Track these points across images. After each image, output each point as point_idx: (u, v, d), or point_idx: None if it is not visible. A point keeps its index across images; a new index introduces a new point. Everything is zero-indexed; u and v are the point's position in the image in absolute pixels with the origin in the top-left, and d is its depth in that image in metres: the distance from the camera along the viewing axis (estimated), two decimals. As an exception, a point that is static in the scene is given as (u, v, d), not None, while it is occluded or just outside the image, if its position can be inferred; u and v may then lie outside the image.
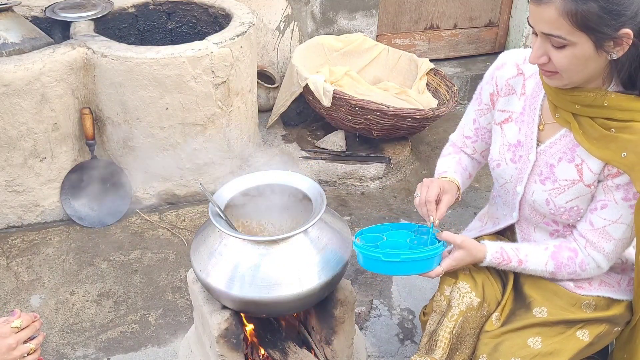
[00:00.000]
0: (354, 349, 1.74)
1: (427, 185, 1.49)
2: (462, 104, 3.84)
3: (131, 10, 2.95)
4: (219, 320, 1.49)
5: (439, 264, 1.41)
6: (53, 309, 2.23)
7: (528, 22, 1.26)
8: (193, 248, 1.52)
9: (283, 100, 3.15)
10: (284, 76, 3.24)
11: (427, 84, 3.43)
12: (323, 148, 3.12)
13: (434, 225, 1.44)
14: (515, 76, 1.47)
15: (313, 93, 2.95)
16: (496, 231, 1.62)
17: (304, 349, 1.66)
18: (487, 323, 1.44)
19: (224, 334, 1.49)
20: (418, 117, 2.93)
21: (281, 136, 3.23)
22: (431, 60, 3.54)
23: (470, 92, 3.86)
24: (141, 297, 2.30)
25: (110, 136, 2.68)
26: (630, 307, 1.48)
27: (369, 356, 2.04)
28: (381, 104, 2.88)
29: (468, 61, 4.08)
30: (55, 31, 2.83)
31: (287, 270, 1.39)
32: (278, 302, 1.40)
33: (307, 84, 2.95)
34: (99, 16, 2.77)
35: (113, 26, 2.90)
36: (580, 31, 1.18)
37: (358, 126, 3.02)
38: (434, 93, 3.38)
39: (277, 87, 3.32)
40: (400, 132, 3.08)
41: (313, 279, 1.40)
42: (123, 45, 2.53)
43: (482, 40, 4.09)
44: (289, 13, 3.35)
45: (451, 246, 1.44)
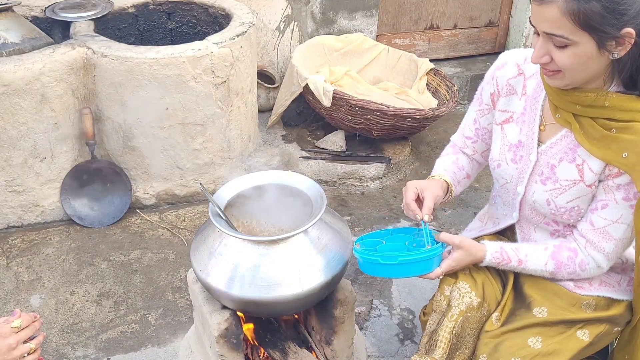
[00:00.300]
0: (354, 349, 1.74)
1: (404, 190, 1.51)
2: (462, 104, 3.84)
3: (131, 10, 2.95)
4: (219, 320, 1.49)
5: (439, 265, 1.41)
6: (53, 309, 2.23)
7: (530, 22, 1.25)
8: (193, 248, 1.52)
9: (283, 100, 3.15)
10: (284, 76, 3.24)
11: (427, 84, 3.44)
12: (323, 148, 3.12)
13: (425, 222, 1.43)
14: (515, 76, 1.47)
15: (313, 93, 2.95)
16: (496, 231, 1.62)
17: (304, 349, 1.66)
18: (487, 323, 1.44)
19: (224, 334, 1.49)
20: (418, 117, 2.93)
21: (281, 136, 3.23)
22: (431, 60, 3.54)
23: (470, 92, 3.86)
24: (141, 297, 2.30)
25: (110, 136, 2.68)
26: (630, 307, 1.48)
27: (369, 356, 2.04)
28: (381, 104, 2.88)
29: (468, 61, 4.08)
30: (55, 31, 2.83)
31: (287, 270, 1.39)
32: (278, 302, 1.40)
33: (307, 84, 2.95)
34: (99, 16, 2.77)
35: (113, 26, 2.90)
36: (582, 30, 1.18)
37: (358, 126, 3.02)
38: (434, 93, 3.38)
39: (277, 87, 3.32)
40: (400, 132, 3.08)
41: (313, 279, 1.40)
42: (123, 45, 2.53)
43: (482, 40, 4.09)
44: (289, 13, 3.35)
45: (450, 247, 1.44)
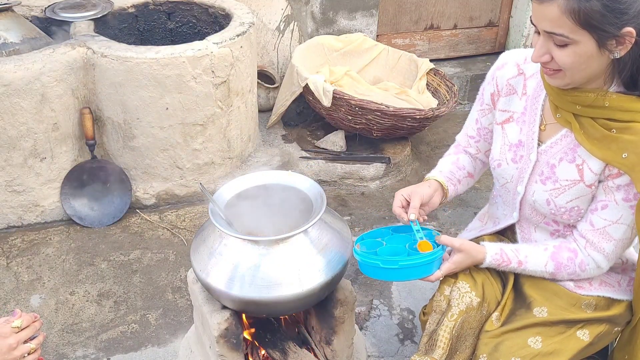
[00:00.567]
0: (354, 349, 1.74)
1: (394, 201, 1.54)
2: (462, 104, 3.84)
3: (131, 10, 2.95)
4: (219, 320, 1.49)
5: (439, 268, 1.42)
6: (53, 309, 2.23)
7: (531, 21, 1.25)
8: (193, 248, 1.52)
9: (283, 100, 3.15)
10: (284, 76, 3.24)
11: (427, 84, 3.44)
12: (323, 148, 3.12)
13: (412, 220, 1.46)
14: (515, 76, 1.47)
15: (313, 93, 2.95)
16: (496, 231, 1.62)
17: (304, 349, 1.66)
18: (487, 323, 1.44)
19: (224, 334, 1.49)
20: (418, 117, 2.93)
21: (281, 136, 3.23)
22: (431, 60, 3.54)
23: (470, 92, 3.86)
24: (141, 297, 2.30)
25: (110, 136, 2.68)
26: (630, 307, 1.48)
27: (369, 356, 2.04)
28: (381, 104, 2.88)
29: (468, 61, 4.08)
30: (55, 31, 2.83)
31: (287, 270, 1.39)
32: (278, 302, 1.40)
33: (307, 84, 2.95)
34: (99, 16, 2.77)
35: (113, 26, 2.90)
36: (582, 29, 1.18)
37: (358, 126, 3.02)
38: (434, 93, 3.38)
39: (277, 87, 3.32)
40: (400, 132, 3.08)
41: (313, 279, 1.40)
42: (123, 45, 2.53)
43: (482, 40, 4.09)
44: (289, 13, 3.35)
45: (449, 248, 1.45)
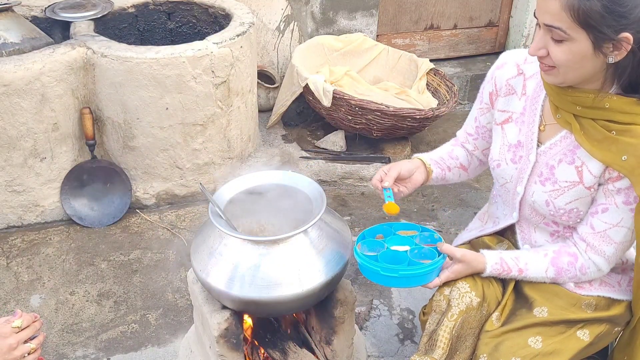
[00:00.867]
0: (354, 349, 1.74)
1: None
2: (462, 104, 3.84)
3: (131, 10, 2.95)
4: (219, 320, 1.49)
5: (437, 275, 1.44)
6: (53, 309, 2.23)
7: (534, 14, 1.26)
8: (193, 248, 1.52)
9: (283, 100, 3.15)
10: (284, 76, 3.24)
11: (427, 84, 3.44)
12: (323, 148, 3.12)
13: (385, 187, 1.51)
14: (515, 76, 1.48)
15: (313, 93, 2.95)
16: (496, 231, 1.62)
17: (304, 349, 1.66)
18: (487, 323, 1.44)
19: (224, 334, 1.49)
20: (418, 117, 2.93)
21: (281, 136, 3.23)
22: (431, 60, 3.54)
23: (470, 92, 3.86)
24: (141, 297, 2.30)
25: (110, 136, 2.68)
26: (630, 307, 1.48)
27: (369, 356, 2.04)
28: (381, 104, 2.89)
29: (468, 61, 4.08)
30: (55, 31, 2.83)
31: (287, 270, 1.39)
32: (278, 302, 1.40)
33: (307, 84, 2.95)
34: (99, 16, 2.77)
35: (113, 26, 2.90)
36: (580, 27, 1.18)
37: (358, 126, 3.02)
38: (434, 93, 3.38)
39: (277, 87, 3.32)
40: (400, 132, 3.08)
41: (313, 279, 1.40)
42: (123, 45, 2.53)
43: (482, 40, 4.09)
44: (289, 13, 3.35)
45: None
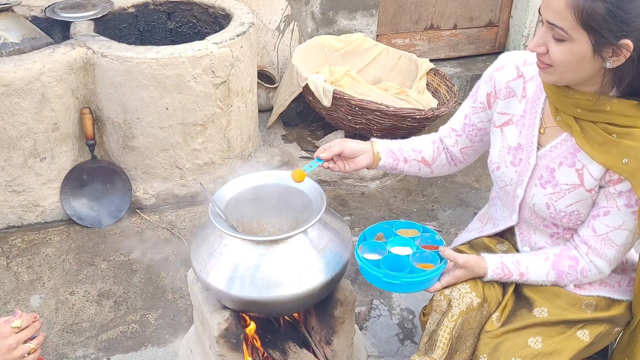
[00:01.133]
0: (354, 349, 1.74)
1: None
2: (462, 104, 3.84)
3: (131, 10, 2.94)
4: (219, 320, 1.49)
5: (438, 280, 1.44)
6: (53, 309, 2.23)
7: (539, 10, 1.26)
8: (193, 248, 1.52)
9: (283, 100, 3.15)
10: (283, 76, 3.24)
11: (427, 84, 3.43)
12: (323, 148, 3.12)
13: (317, 160, 1.51)
14: (515, 79, 1.47)
15: (313, 93, 2.95)
16: (495, 233, 1.62)
17: (304, 349, 1.66)
18: (488, 323, 1.44)
19: (224, 334, 1.49)
20: (418, 117, 2.93)
21: (281, 136, 3.23)
22: (431, 60, 3.54)
23: (470, 92, 3.86)
24: (141, 297, 2.30)
25: (110, 136, 2.68)
26: (630, 308, 1.48)
27: (369, 356, 2.04)
28: (381, 104, 2.88)
29: (468, 61, 4.08)
30: (55, 31, 2.83)
31: (287, 270, 1.39)
32: (278, 302, 1.40)
33: (307, 84, 2.95)
34: (99, 16, 2.77)
35: (113, 26, 2.90)
36: (582, 29, 1.18)
37: (358, 126, 3.02)
38: (434, 93, 3.38)
39: (277, 87, 3.32)
40: (400, 132, 3.08)
41: (313, 279, 1.40)
42: (123, 45, 2.53)
43: (482, 40, 4.09)
44: (289, 13, 3.35)
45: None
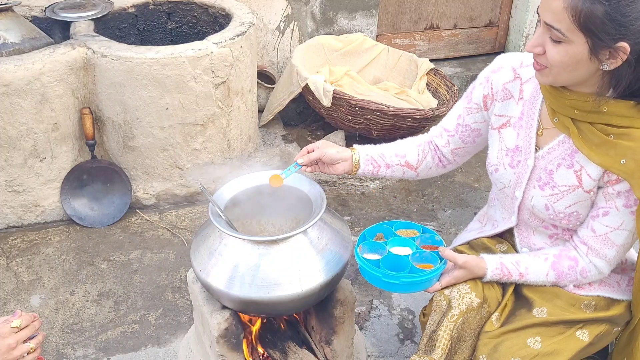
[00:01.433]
0: (354, 349, 1.74)
1: None
2: (462, 104, 3.84)
3: (131, 10, 2.95)
4: (219, 320, 1.49)
5: (438, 280, 1.45)
6: (53, 309, 2.23)
7: (537, 11, 1.26)
8: (193, 248, 1.52)
9: (280, 99, 3.15)
10: (281, 75, 3.23)
11: (427, 84, 3.43)
12: (323, 148, 3.12)
13: (296, 165, 1.57)
14: (512, 80, 1.47)
15: (313, 93, 2.95)
16: (495, 234, 1.62)
17: (304, 349, 1.66)
18: (487, 323, 1.44)
19: (224, 334, 1.49)
20: (418, 117, 2.93)
21: (281, 136, 3.23)
22: (431, 60, 3.54)
23: (470, 92, 3.86)
24: (141, 297, 2.30)
25: (110, 136, 2.68)
26: (630, 307, 1.48)
27: (369, 356, 2.04)
28: (381, 104, 2.89)
29: (468, 61, 4.08)
30: (55, 31, 2.83)
31: (287, 270, 1.39)
32: (278, 302, 1.40)
33: (307, 84, 2.95)
34: (99, 16, 2.77)
35: (113, 26, 2.90)
36: (579, 30, 1.18)
37: (358, 126, 3.02)
38: (434, 93, 3.38)
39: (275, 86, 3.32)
40: (400, 132, 3.08)
41: (313, 279, 1.40)
42: (123, 45, 2.53)
43: (482, 40, 4.09)
44: (289, 13, 3.36)
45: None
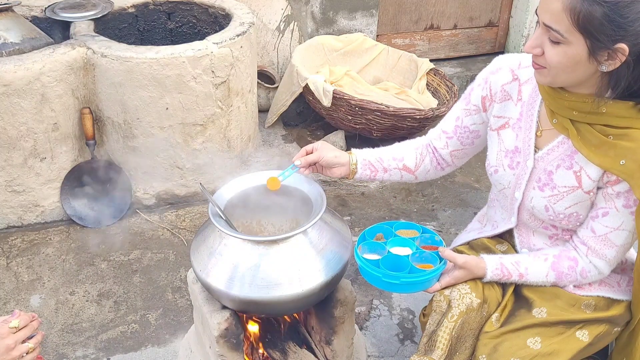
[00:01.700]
0: (354, 349, 1.74)
1: None
2: (462, 104, 3.84)
3: (131, 10, 2.94)
4: (219, 320, 1.49)
5: (438, 280, 1.45)
6: (53, 309, 2.23)
7: (536, 12, 1.25)
8: (193, 248, 1.52)
9: (283, 100, 3.15)
10: (283, 76, 3.23)
11: (427, 84, 3.43)
12: (323, 148, 3.12)
13: (295, 165, 1.57)
14: (510, 82, 1.47)
15: (313, 93, 2.95)
16: (495, 235, 1.62)
17: (304, 349, 1.66)
18: (487, 324, 1.44)
19: (224, 334, 1.49)
20: (418, 117, 2.93)
21: (281, 136, 3.23)
22: (431, 60, 3.54)
23: (470, 92, 3.86)
24: (141, 297, 2.30)
25: (110, 136, 2.68)
26: (630, 307, 1.48)
27: (369, 356, 2.04)
28: (381, 104, 2.88)
29: (468, 61, 4.08)
30: (55, 31, 2.83)
31: (287, 270, 1.39)
32: (278, 302, 1.40)
33: (307, 84, 2.95)
34: (99, 16, 2.77)
35: (113, 26, 2.90)
36: (578, 32, 1.18)
37: (358, 126, 3.02)
38: (434, 93, 3.38)
39: (277, 87, 3.32)
40: (400, 132, 3.08)
41: (313, 279, 1.40)
42: (123, 45, 2.53)
43: (482, 40, 4.09)
44: (289, 13, 3.36)
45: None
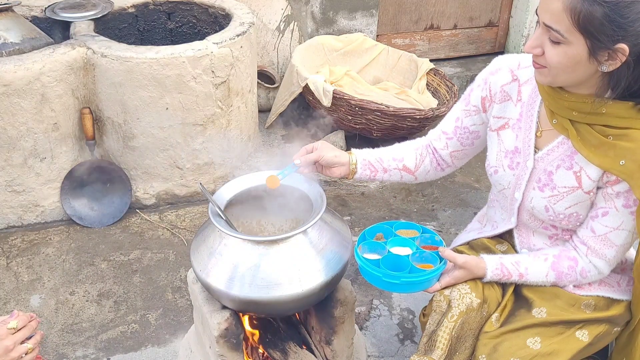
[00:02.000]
0: (354, 349, 1.74)
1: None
2: (462, 104, 3.84)
3: (131, 10, 2.95)
4: (219, 320, 1.49)
5: (438, 280, 1.45)
6: (53, 309, 2.23)
7: (536, 12, 1.25)
8: (193, 248, 1.52)
9: (282, 100, 3.15)
10: (284, 76, 3.24)
11: (427, 84, 3.44)
12: (323, 148, 3.12)
13: (295, 164, 1.54)
14: (510, 82, 1.47)
15: (313, 93, 2.95)
16: (495, 235, 1.62)
17: (304, 349, 1.66)
18: (487, 324, 1.44)
19: (224, 334, 1.49)
20: (418, 117, 2.93)
21: (281, 136, 3.23)
22: (431, 60, 3.54)
23: (470, 92, 3.87)
24: (141, 297, 2.30)
25: (110, 136, 2.68)
26: (630, 307, 1.48)
27: (369, 356, 2.04)
28: (381, 104, 2.89)
29: (468, 61, 4.08)
30: (55, 31, 2.83)
31: (287, 270, 1.39)
32: (278, 302, 1.40)
33: (307, 84, 2.95)
34: (99, 16, 2.77)
35: (113, 26, 2.90)
36: (578, 32, 1.18)
37: (358, 126, 3.02)
38: (434, 93, 3.38)
39: (277, 87, 3.32)
40: (400, 132, 3.08)
41: (313, 279, 1.40)
42: (123, 45, 2.53)
43: (482, 40, 4.09)
44: (289, 13, 3.36)
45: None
